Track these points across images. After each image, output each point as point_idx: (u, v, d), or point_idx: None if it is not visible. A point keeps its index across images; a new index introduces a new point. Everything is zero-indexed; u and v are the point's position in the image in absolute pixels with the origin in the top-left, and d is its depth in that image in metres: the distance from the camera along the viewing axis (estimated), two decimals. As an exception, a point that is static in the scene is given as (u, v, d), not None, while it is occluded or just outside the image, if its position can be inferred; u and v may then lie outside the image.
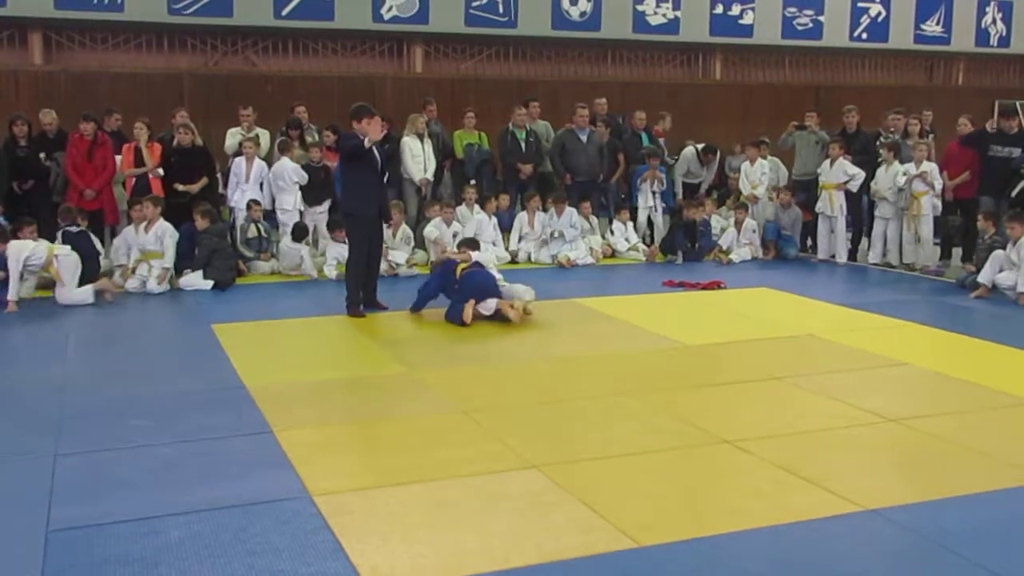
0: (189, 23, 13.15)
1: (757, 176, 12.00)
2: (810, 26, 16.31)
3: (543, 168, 11.83)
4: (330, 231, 10.02)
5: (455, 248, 8.92)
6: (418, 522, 3.83)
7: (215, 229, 9.48)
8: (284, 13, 13.45)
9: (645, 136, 12.41)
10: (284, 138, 10.96)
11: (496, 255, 10.56)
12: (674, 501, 4.11)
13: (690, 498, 4.18)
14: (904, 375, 6.25)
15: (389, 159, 8.99)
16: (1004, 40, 17.66)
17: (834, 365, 6.42)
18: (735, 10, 15.78)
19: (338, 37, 14.11)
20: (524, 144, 11.59)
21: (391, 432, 5.06)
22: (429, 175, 11.16)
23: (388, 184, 8.92)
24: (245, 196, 10.33)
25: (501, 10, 14.43)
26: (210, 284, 9.13)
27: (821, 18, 16.31)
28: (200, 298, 8.85)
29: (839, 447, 4.79)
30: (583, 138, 11.65)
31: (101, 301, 8.47)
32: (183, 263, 9.28)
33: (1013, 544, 3.71)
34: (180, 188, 10.05)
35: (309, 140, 11.24)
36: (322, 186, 10.59)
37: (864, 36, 16.74)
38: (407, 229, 10.47)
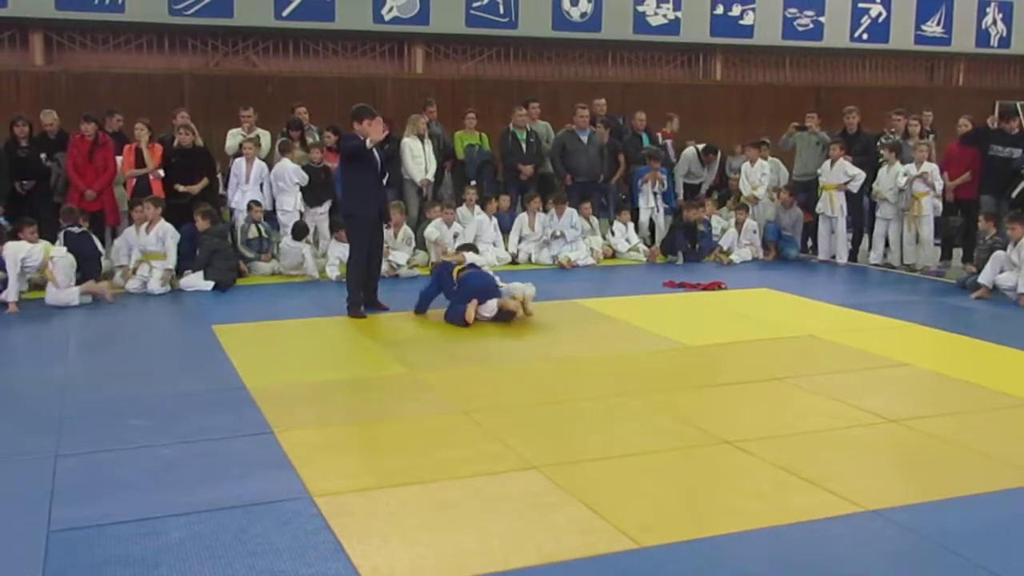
0: (190, 24, 13.15)
1: (757, 177, 11.99)
2: (811, 27, 16.30)
3: (543, 169, 11.82)
4: (332, 232, 10.03)
5: (455, 250, 8.93)
6: (418, 523, 3.83)
7: (216, 230, 9.49)
8: (285, 14, 13.45)
9: (646, 137, 12.42)
10: (285, 139, 10.95)
11: (497, 256, 10.58)
12: (674, 502, 4.11)
13: (690, 499, 4.18)
14: (905, 376, 6.25)
15: (389, 160, 8.99)
16: (1004, 41, 17.66)
17: (835, 366, 6.42)
18: (736, 11, 15.77)
19: (339, 38, 14.12)
20: (525, 145, 11.58)
21: (392, 433, 5.06)
22: (430, 176, 11.15)
23: (388, 185, 8.92)
24: (246, 197, 10.33)
25: (502, 11, 14.43)
26: (211, 285, 9.13)
27: (822, 19, 16.31)
28: (201, 299, 8.86)
29: (840, 448, 4.79)
30: (583, 139, 11.64)
31: (102, 302, 8.47)
32: (184, 264, 9.29)
33: (1014, 545, 3.71)
34: (181, 189, 10.04)
35: (310, 141, 11.23)
36: (322, 187, 10.59)
37: (864, 37, 16.73)
38: (408, 230, 10.46)
